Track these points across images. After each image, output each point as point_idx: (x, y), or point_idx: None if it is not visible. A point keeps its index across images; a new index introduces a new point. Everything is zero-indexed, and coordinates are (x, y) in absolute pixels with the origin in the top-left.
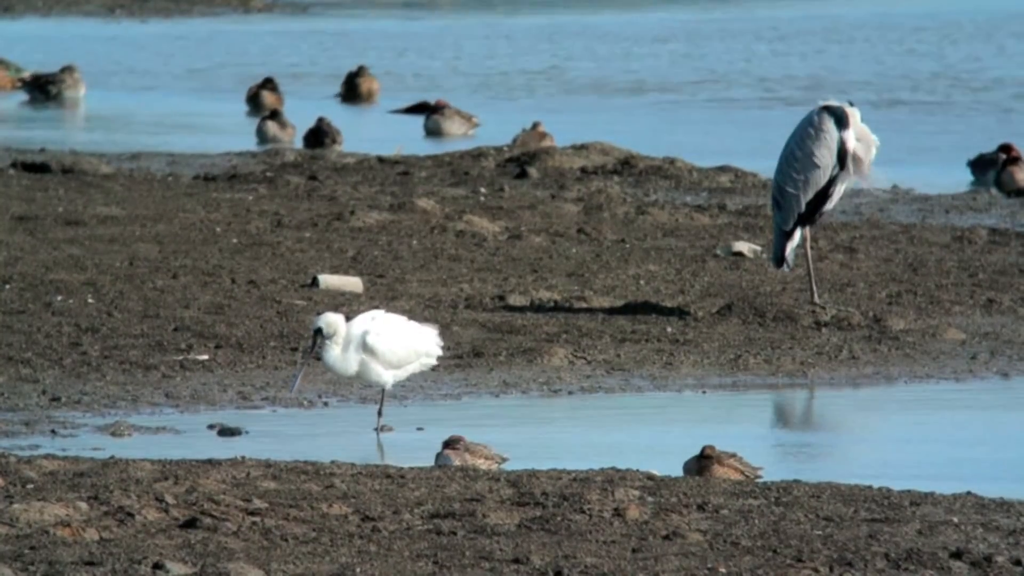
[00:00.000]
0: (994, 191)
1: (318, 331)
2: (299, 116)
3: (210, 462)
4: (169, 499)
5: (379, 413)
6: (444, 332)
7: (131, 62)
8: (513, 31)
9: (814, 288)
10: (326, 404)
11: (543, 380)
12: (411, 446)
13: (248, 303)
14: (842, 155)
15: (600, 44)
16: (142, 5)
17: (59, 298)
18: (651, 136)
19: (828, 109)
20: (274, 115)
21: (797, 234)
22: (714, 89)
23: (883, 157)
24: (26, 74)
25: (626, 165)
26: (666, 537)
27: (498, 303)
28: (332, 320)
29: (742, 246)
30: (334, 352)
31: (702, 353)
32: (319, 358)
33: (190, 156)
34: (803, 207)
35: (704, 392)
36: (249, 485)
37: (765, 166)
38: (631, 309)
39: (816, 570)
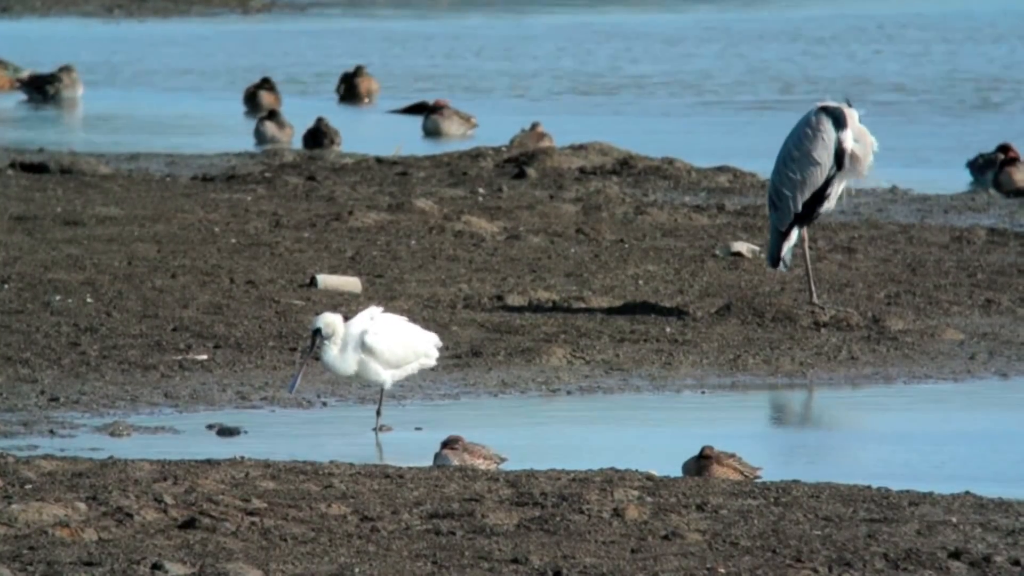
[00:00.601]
0: (992, 191)
1: (317, 331)
2: (298, 116)
3: (209, 462)
4: (168, 499)
5: (378, 413)
6: (442, 332)
7: (129, 62)
8: (512, 31)
9: (813, 288)
10: (325, 404)
11: (542, 380)
12: (410, 446)
13: (247, 303)
14: (840, 156)
15: (599, 44)
16: (140, 5)
17: (58, 298)
18: (650, 136)
19: (826, 109)
20: (272, 115)
21: (794, 234)
22: (714, 89)
23: (882, 157)
24: (24, 74)
25: (625, 165)
26: (665, 537)
27: (496, 303)
28: (331, 320)
29: (741, 246)
30: (332, 352)
31: (701, 353)
32: (318, 358)
33: (188, 156)
34: (799, 207)
35: (703, 392)
36: (248, 485)
37: (764, 166)
38: (630, 309)
39: (815, 570)
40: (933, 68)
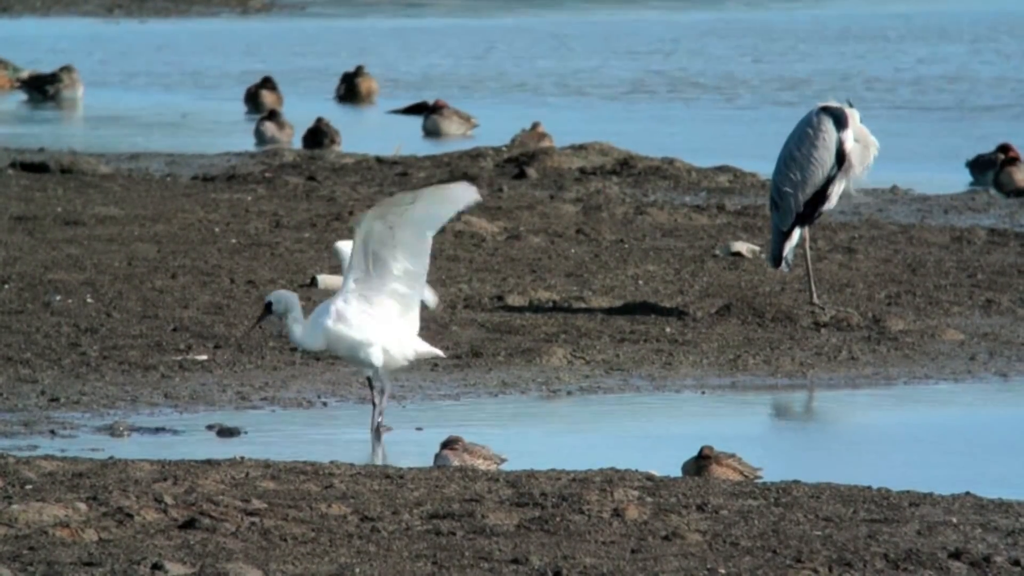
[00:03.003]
0: (993, 191)
1: (268, 305)
2: (298, 116)
3: (209, 462)
4: (168, 499)
5: (375, 410)
6: (443, 332)
7: (130, 62)
8: (512, 31)
9: (813, 288)
10: (325, 404)
11: (542, 380)
12: (410, 446)
13: (247, 303)
14: (840, 156)
15: (599, 43)
16: (141, 5)
17: (58, 298)
18: (650, 136)
19: (827, 110)
20: (272, 115)
21: (795, 234)
22: (714, 89)
23: (882, 157)
24: (24, 74)
25: (625, 165)
26: (665, 538)
27: (497, 303)
28: (284, 296)
29: (741, 246)
30: (296, 328)
31: (701, 353)
32: (262, 328)
33: (189, 156)
34: (801, 207)
35: (703, 392)
36: (248, 485)
37: (764, 166)
38: (630, 309)
39: (815, 571)
40: (933, 68)
